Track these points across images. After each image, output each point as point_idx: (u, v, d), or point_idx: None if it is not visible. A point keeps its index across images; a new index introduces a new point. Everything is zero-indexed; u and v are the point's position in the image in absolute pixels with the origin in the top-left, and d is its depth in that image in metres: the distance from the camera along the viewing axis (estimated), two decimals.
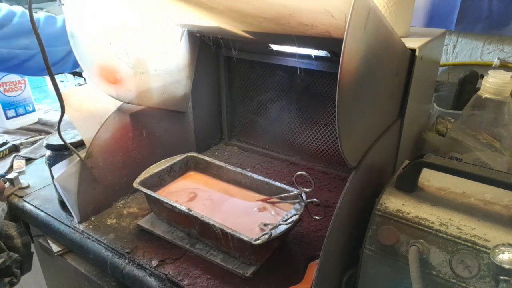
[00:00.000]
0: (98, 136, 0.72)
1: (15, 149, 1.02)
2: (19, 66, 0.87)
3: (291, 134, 0.94)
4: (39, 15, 0.89)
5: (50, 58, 0.88)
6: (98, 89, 0.70)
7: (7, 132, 1.12)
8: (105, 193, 0.76)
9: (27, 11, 0.86)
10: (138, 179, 0.72)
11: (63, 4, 0.61)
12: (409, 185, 0.53)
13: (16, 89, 1.14)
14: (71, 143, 0.70)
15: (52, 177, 0.72)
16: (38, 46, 0.56)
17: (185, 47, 0.84)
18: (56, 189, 0.76)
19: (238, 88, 0.99)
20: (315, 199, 0.67)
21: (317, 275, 0.47)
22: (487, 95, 0.69)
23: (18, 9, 0.87)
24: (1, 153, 0.98)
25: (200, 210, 0.67)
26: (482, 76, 0.79)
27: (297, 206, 0.67)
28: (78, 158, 0.69)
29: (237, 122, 1.04)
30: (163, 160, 0.79)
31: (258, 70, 0.93)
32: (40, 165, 0.95)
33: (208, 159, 0.81)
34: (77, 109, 0.72)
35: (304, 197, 0.68)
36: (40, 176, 0.90)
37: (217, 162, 0.80)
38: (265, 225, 0.64)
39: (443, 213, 0.49)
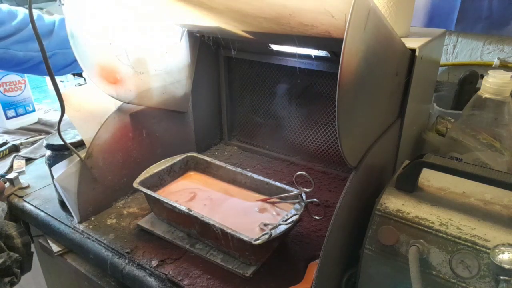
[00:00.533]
0: (98, 136, 0.72)
1: (15, 149, 1.02)
2: (35, 67, 0.90)
3: (291, 134, 0.94)
4: (54, 17, 0.91)
5: (65, 59, 0.91)
6: (98, 89, 0.70)
7: (7, 132, 1.12)
8: (105, 193, 0.76)
9: (43, 15, 0.89)
10: (138, 179, 0.72)
11: (63, 4, 0.61)
12: (409, 185, 0.53)
13: (16, 89, 1.14)
14: (71, 143, 0.70)
15: (52, 177, 0.72)
16: (40, 46, 0.56)
17: (185, 47, 0.84)
18: (56, 189, 0.76)
19: (238, 88, 0.99)
20: (315, 199, 0.67)
21: (317, 275, 0.47)
22: (487, 95, 0.69)
23: (34, 13, 0.88)
24: (1, 153, 0.98)
25: (200, 210, 0.67)
26: (482, 76, 0.79)
27: (297, 206, 0.67)
28: (78, 158, 0.69)
29: (237, 122, 1.04)
30: (163, 160, 0.79)
31: (258, 70, 0.93)
32: (40, 165, 0.95)
33: (208, 159, 0.81)
34: (77, 109, 0.72)
35: (304, 197, 0.68)
36: (40, 176, 0.90)
37: (217, 162, 0.80)
38: (265, 225, 0.64)
39: (443, 213, 0.49)
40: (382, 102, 0.57)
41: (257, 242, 0.56)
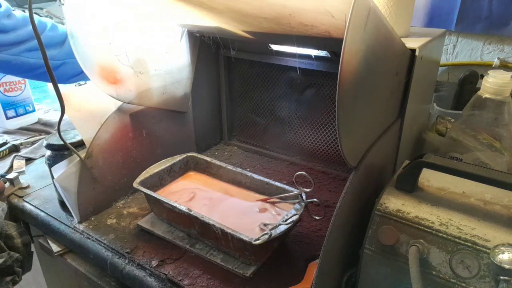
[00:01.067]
0: (98, 136, 0.72)
1: (15, 149, 1.02)
2: (44, 74, 0.90)
3: (291, 134, 0.94)
4: (66, 27, 0.92)
5: (74, 69, 0.92)
6: (98, 89, 0.70)
7: (7, 132, 1.12)
8: (105, 193, 0.76)
9: (57, 24, 0.91)
10: (138, 179, 0.72)
11: (63, 4, 0.61)
12: (409, 185, 0.53)
13: (16, 89, 1.14)
14: (71, 143, 0.70)
15: (52, 177, 0.72)
16: (40, 47, 0.57)
17: (185, 47, 0.84)
18: (56, 189, 0.76)
19: (238, 88, 0.99)
20: (315, 199, 0.67)
21: (317, 275, 0.47)
22: (487, 95, 0.69)
23: (48, 20, 0.91)
24: (1, 153, 0.98)
25: (200, 210, 0.67)
26: (482, 76, 0.79)
27: (297, 206, 0.67)
28: (78, 158, 0.69)
29: (237, 122, 1.04)
30: (163, 160, 0.79)
31: (258, 70, 0.93)
32: (40, 165, 0.95)
33: (208, 159, 0.81)
34: (77, 109, 0.72)
35: (304, 197, 0.68)
36: (40, 176, 0.90)
37: (217, 162, 0.80)
38: (265, 225, 0.64)
39: (443, 213, 0.49)
40: (382, 102, 0.57)
41: (257, 242, 0.56)
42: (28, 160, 0.97)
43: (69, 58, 0.91)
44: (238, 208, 0.72)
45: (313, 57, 0.78)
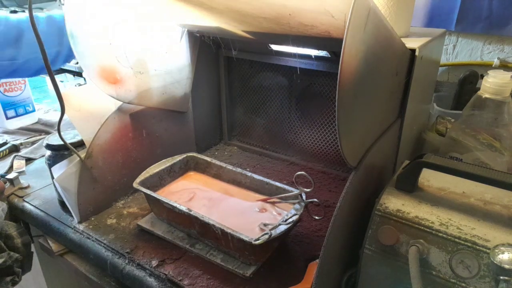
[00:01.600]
0: (98, 136, 0.72)
1: (15, 149, 1.02)
2: (10, 75, 0.84)
3: (291, 134, 0.94)
4: (19, 16, 0.82)
5: (38, 63, 0.83)
6: (98, 89, 0.70)
7: (7, 132, 1.12)
8: (105, 193, 0.76)
9: (10, 15, 0.81)
10: (138, 179, 0.72)
11: (63, 4, 0.61)
12: (409, 185, 0.53)
13: (16, 89, 1.14)
14: (71, 143, 0.70)
15: (52, 177, 0.72)
16: (38, 47, 0.56)
17: (185, 47, 0.84)
18: (56, 189, 0.76)
19: (238, 88, 0.99)
20: (315, 199, 0.67)
21: (317, 275, 0.47)
22: (487, 95, 0.69)
23: (1, 13, 0.83)
24: (1, 153, 0.98)
25: (200, 210, 0.67)
26: (482, 76, 0.79)
27: (297, 206, 0.67)
28: (78, 158, 0.69)
29: (237, 122, 1.04)
30: (163, 160, 0.79)
31: (258, 70, 0.93)
32: (40, 165, 0.95)
33: (208, 159, 0.81)
34: (77, 109, 0.72)
35: (304, 197, 0.68)
36: (40, 176, 0.90)
37: (217, 162, 0.80)
38: (265, 225, 0.64)
39: (443, 213, 0.49)
40: (382, 102, 0.57)
41: (257, 242, 0.56)
42: (28, 160, 0.97)
43: (32, 53, 0.80)
44: (238, 208, 0.72)
45: (313, 57, 0.78)
